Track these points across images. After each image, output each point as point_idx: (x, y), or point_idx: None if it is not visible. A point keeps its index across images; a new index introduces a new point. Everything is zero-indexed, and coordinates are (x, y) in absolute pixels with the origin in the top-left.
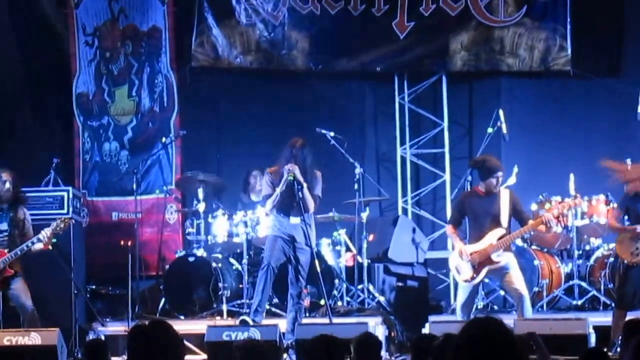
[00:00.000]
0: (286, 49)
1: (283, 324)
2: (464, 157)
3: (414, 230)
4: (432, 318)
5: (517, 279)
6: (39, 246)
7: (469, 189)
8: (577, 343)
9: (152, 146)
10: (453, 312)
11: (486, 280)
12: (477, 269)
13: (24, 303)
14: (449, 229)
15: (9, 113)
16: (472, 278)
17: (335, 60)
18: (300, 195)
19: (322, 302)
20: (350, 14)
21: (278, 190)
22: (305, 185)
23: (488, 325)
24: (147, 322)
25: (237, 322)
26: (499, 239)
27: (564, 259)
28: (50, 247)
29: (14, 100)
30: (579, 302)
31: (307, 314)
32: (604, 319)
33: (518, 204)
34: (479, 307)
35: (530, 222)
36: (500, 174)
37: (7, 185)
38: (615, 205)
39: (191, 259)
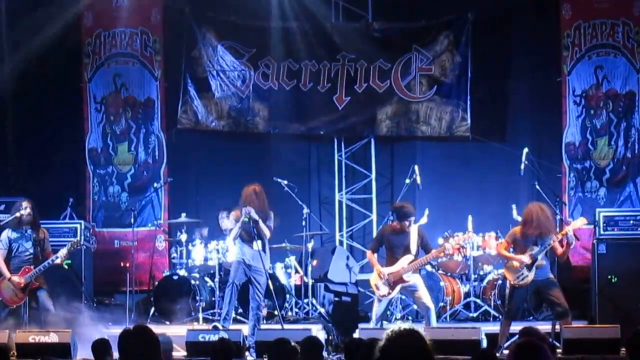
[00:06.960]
0: (250, 116)
1: (245, 329)
2: (386, 201)
3: (347, 258)
4: (361, 325)
5: (424, 296)
6: (57, 262)
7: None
8: (473, 346)
9: (146, 190)
10: None
11: (402, 296)
12: (391, 286)
13: (48, 308)
14: (368, 254)
15: (36, 166)
16: (388, 294)
17: (288, 125)
18: (256, 231)
19: (276, 312)
20: (301, 89)
21: (235, 228)
22: (259, 221)
23: (406, 332)
24: (132, 327)
25: (210, 327)
26: (409, 263)
27: (463, 281)
28: (66, 267)
29: (41, 155)
30: (474, 315)
31: (265, 321)
32: (493, 327)
33: (425, 238)
34: (397, 317)
35: (433, 251)
36: (412, 218)
37: (28, 210)
38: (504, 239)
39: (175, 277)
